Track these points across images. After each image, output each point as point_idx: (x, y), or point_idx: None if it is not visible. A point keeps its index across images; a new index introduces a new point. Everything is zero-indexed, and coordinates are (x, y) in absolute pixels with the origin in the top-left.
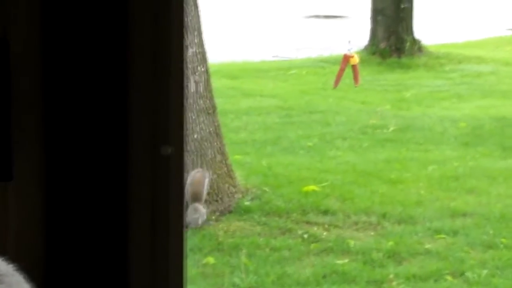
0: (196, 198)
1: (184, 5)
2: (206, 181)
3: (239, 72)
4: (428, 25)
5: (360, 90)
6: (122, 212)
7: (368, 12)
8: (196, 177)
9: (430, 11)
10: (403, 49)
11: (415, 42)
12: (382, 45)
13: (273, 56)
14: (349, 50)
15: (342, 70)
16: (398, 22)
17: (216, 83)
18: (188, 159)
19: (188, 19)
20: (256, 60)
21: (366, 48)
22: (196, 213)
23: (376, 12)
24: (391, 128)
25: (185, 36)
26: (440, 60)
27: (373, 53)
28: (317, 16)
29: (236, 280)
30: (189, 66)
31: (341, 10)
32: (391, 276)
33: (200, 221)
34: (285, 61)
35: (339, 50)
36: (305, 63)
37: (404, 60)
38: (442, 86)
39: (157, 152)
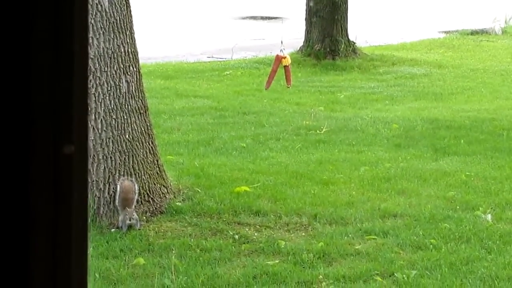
0: (127, 204)
1: (88, 3)
2: (136, 187)
3: (174, 72)
4: (363, 27)
5: (295, 92)
6: (23, 212)
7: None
8: (126, 184)
9: (365, 13)
10: (337, 51)
11: (349, 44)
12: (317, 47)
13: (208, 57)
14: (281, 50)
15: (274, 71)
16: (333, 24)
17: (150, 83)
18: (119, 159)
19: (120, 19)
20: (191, 61)
21: (301, 49)
22: (127, 218)
23: (311, 14)
24: (324, 130)
25: (88, 34)
26: (374, 62)
27: (308, 55)
28: (254, 17)
29: (166, 281)
30: (121, 66)
31: (279, 11)
32: (321, 277)
33: (133, 226)
34: (220, 62)
35: (275, 52)
36: (240, 64)
37: (338, 62)
38: (376, 88)
39: (59, 151)
